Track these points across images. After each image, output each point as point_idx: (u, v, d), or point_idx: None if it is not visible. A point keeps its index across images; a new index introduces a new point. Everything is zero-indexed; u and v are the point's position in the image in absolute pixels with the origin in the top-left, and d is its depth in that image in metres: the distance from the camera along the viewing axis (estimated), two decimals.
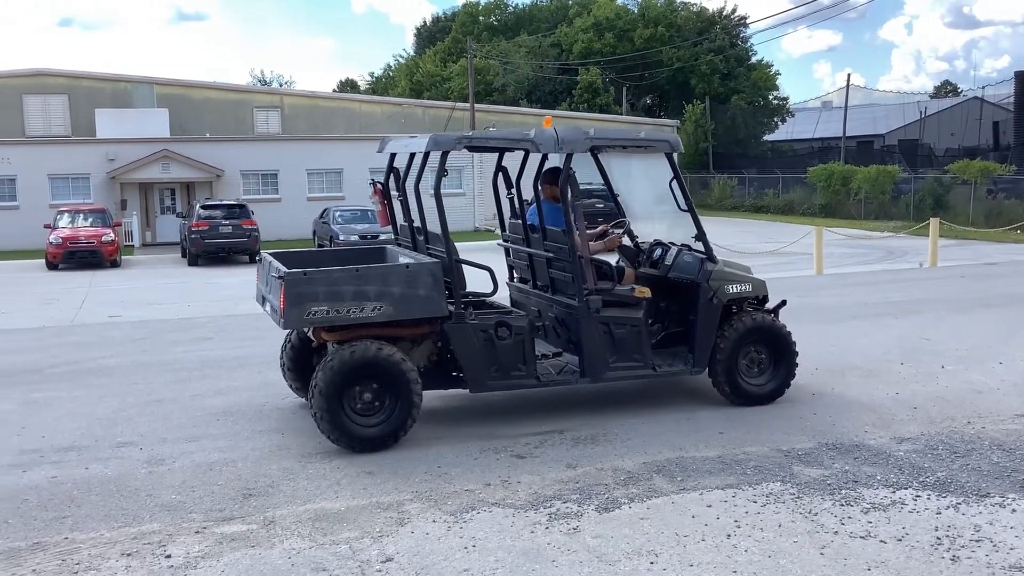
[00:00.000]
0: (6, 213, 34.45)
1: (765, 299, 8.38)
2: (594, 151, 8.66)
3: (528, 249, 8.37)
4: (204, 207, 28.28)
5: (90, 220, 27.81)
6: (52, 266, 25.87)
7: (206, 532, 5.57)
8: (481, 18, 72.63)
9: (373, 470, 6.63)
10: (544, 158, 8.37)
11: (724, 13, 64.52)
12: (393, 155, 8.36)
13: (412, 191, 8.00)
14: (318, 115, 47.26)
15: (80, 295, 19.27)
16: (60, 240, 25.95)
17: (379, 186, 8.63)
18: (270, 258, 7.87)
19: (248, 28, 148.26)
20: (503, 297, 8.89)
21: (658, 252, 8.43)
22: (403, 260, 7.67)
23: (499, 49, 63.03)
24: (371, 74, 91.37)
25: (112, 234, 27.05)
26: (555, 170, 8.23)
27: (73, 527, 5.68)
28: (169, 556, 5.22)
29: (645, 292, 7.91)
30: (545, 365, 7.93)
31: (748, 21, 69.53)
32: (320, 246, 29.98)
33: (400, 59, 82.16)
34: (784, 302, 8.60)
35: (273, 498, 6.14)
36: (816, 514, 5.67)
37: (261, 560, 5.15)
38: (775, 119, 61.90)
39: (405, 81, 72.78)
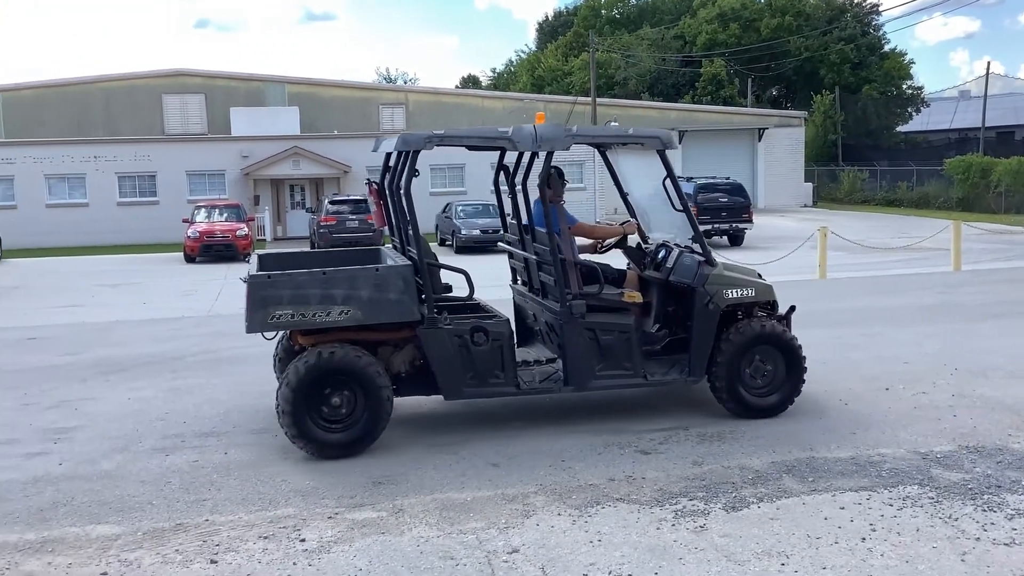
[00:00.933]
0: (147, 208, 36.15)
1: (773, 305, 7.93)
2: (601, 150, 8.38)
3: (519, 251, 8.11)
4: (332, 202, 29.10)
5: (225, 215, 28.88)
6: (190, 259, 26.96)
7: (338, 518, 5.73)
8: (603, 12, 72.27)
9: (498, 462, 6.69)
10: (533, 156, 8.01)
11: (855, 1, 62.50)
12: (388, 154, 8.10)
13: (397, 192, 7.76)
14: (441, 111, 47.90)
15: (216, 287, 20.03)
16: (197, 234, 27.03)
17: (375, 186, 8.50)
18: (255, 259, 7.87)
19: (374, 27, 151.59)
20: (509, 300, 8.81)
21: (662, 254, 8.05)
22: (390, 263, 7.45)
23: (621, 42, 62.61)
24: (493, 70, 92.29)
25: (246, 228, 28.03)
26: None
27: (213, 509, 5.92)
28: (304, 540, 5.38)
29: (635, 297, 7.63)
30: (532, 372, 7.67)
31: (881, 9, 67.23)
32: (443, 241, 30.40)
33: (522, 54, 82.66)
34: (793, 308, 8.10)
35: (402, 486, 6.26)
36: (956, 519, 5.45)
37: (391, 547, 5.26)
38: (909, 109, 59.64)
39: (526, 76, 73.10)
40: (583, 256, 8.13)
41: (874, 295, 14.72)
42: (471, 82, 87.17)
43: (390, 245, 8.82)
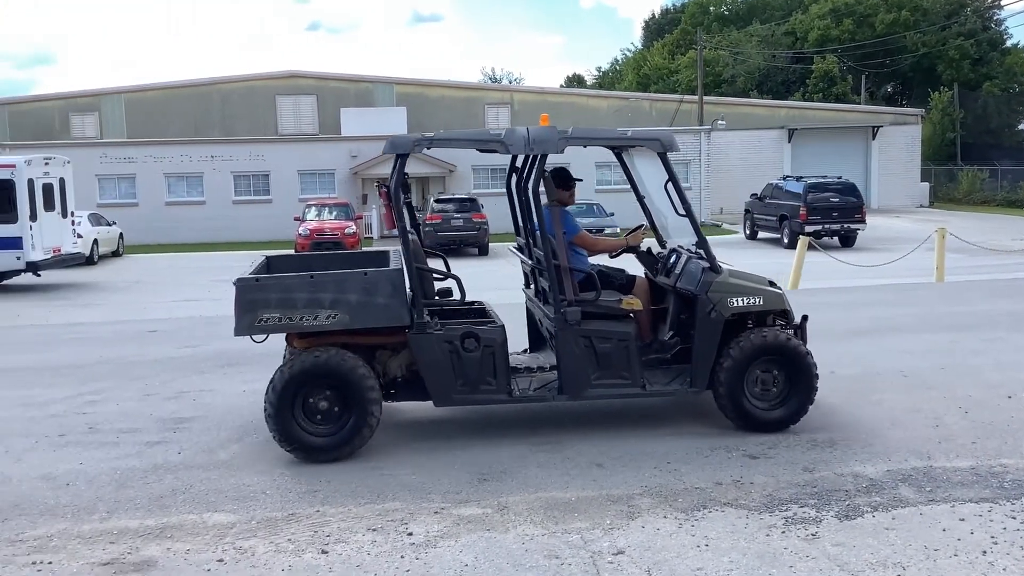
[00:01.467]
0: (261, 207, 37.23)
1: (785, 314, 7.51)
2: (616, 151, 8.11)
3: (522, 255, 7.91)
4: (437, 201, 29.49)
5: (334, 213, 29.56)
6: None
7: (444, 513, 5.79)
8: (712, 8, 71.29)
9: (603, 462, 6.66)
10: (528, 158, 7.74)
11: None
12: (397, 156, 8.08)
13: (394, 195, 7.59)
14: (546, 111, 47.71)
15: None
16: (308, 232, 27.72)
17: (385, 188, 8.46)
18: (263, 260, 7.93)
19: (481, 27, 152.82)
20: (516, 305, 8.58)
21: (672, 260, 7.75)
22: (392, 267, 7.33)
23: (729, 39, 61.67)
24: (598, 69, 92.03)
25: (354, 227, 28.62)
26: (557, 171, 7.80)
27: (324, 501, 6.05)
28: (411, 534, 5.46)
29: (633, 304, 7.34)
30: (530, 379, 7.50)
31: (1003, 3, 64.55)
32: None
33: (627, 53, 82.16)
34: (806, 317, 7.67)
35: (506, 483, 6.29)
36: None
37: (496, 543, 5.29)
38: None
39: (632, 75, 72.71)
40: (593, 260, 7.95)
41: (994, 299, 14.14)
42: (576, 81, 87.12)
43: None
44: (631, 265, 8.23)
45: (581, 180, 8.32)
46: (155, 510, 5.98)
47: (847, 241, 27.31)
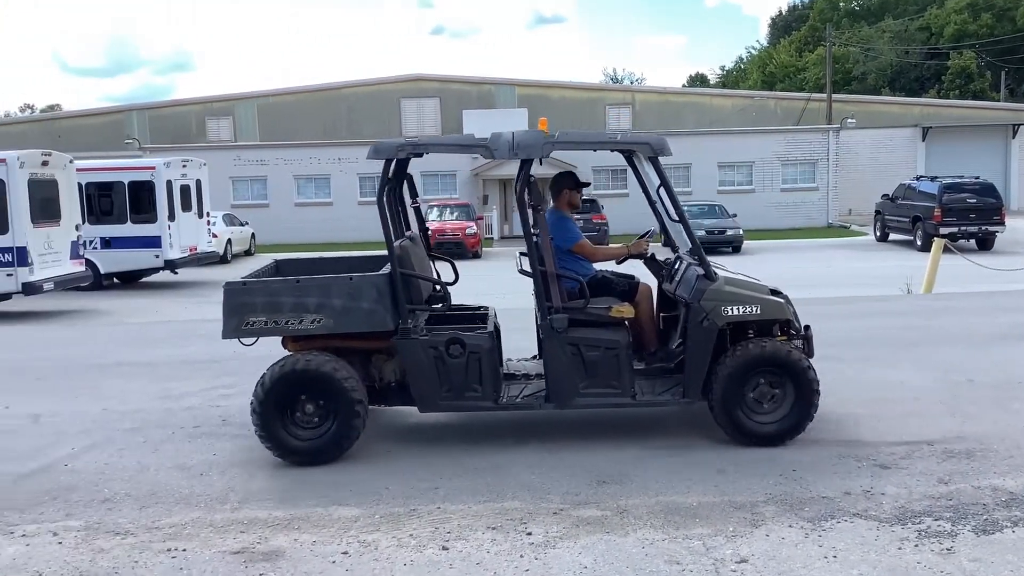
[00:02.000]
0: None
1: (789, 323, 7.11)
2: (627, 155, 7.78)
3: (521, 261, 7.76)
4: None
5: (456, 214, 29.97)
6: None
7: (563, 514, 5.77)
8: (842, 4, 69.32)
9: (724, 468, 6.53)
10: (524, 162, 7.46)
11: None
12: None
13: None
14: (668, 110, 47.50)
15: None
16: (430, 232, 28.16)
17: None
18: (273, 264, 8.01)
19: (603, 28, 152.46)
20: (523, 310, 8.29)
21: (676, 267, 7.44)
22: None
23: (860, 35, 59.82)
24: (722, 68, 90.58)
25: (475, 227, 28.95)
26: (565, 175, 7.54)
27: (444, 498, 6.11)
28: (530, 534, 5.46)
29: (624, 311, 7.07)
30: (521, 386, 7.31)
31: None
32: None
33: (752, 51, 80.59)
34: (809, 327, 7.24)
35: (626, 487, 6.23)
36: None
37: (615, 546, 5.24)
38: None
39: (757, 73, 71.32)
40: (598, 265, 7.76)
41: None
42: (699, 81, 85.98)
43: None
44: (643, 272, 8.07)
45: (588, 184, 8.18)
46: (283, 502, 6.15)
47: (985, 244, 26.21)
